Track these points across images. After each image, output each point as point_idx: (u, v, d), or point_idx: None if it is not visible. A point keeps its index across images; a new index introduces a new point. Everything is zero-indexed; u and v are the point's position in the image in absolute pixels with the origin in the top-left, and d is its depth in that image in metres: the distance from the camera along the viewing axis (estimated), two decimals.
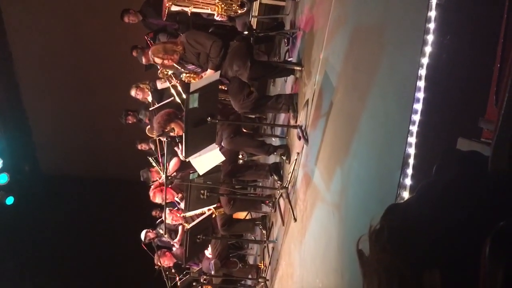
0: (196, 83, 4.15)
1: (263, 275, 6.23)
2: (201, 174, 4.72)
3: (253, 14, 5.95)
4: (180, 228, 6.75)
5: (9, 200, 10.93)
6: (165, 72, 5.56)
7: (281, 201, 5.37)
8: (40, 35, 10.27)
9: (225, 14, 5.65)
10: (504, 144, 0.66)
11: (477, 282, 0.55)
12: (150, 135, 7.36)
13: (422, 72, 2.30)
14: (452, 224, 0.65)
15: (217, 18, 5.73)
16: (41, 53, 10.50)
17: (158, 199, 6.06)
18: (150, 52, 4.94)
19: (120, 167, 11.36)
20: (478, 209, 0.65)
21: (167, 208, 5.93)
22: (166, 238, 6.79)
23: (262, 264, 6.41)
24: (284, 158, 5.27)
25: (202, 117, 4.21)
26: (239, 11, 5.69)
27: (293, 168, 4.88)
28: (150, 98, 7.18)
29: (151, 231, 7.30)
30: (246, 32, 5.52)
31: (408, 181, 2.37)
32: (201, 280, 6.59)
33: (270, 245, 6.00)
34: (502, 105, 0.74)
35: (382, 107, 2.81)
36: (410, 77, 2.37)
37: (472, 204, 0.67)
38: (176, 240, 6.97)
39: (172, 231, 7.07)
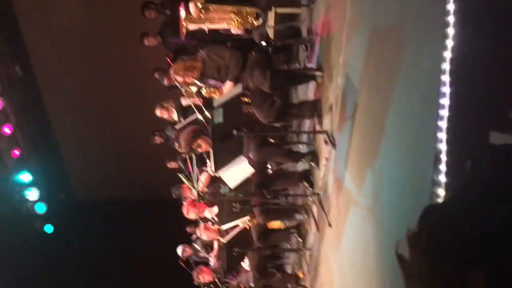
0: (219, 98, 4.21)
1: (302, 283, 6.19)
2: (232, 187, 4.75)
3: (269, 24, 5.98)
4: (215, 242, 6.78)
5: (49, 229, 11.22)
6: (189, 91, 5.64)
7: (314, 208, 5.34)
8: (65, 66, 10.56)
9: (241, 27, 5.70)
10: None
11: None
12: (180, 151, 7.43)
13: (446, 66, 2.27)
14: (492, 224, 0.64)
15: (234, 32, 5.78)
16: (67, 83, 10.79)
17: (191, 214, 6.11)
18: (171, 71, 5.04)
19: (152, 187, 11.52)
20: None
21: (202, 223, 5.98)
22: (202, 253, 6.82)
23: (301, 273, 6.37)
24: (313, 164, 5.24)
25: (227, 131, 4.25)
26: (255, 23, 5.73)
27: (323, 174, 4.85)
28: (175, 116, 7.27)
29: (188, 246, 7.35)
30: (263, 43, 5.55)
31: (442, 178, 2.32)
32: None
33: (307, 253, 5.96)
34: None
35: (408, 105, 2.78)
36: (433, 72, 2.34)
37: (509, 201, 0.65)
38: (212, 255, 7.00)
39: (207, 245, 7.10)
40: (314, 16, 5.66)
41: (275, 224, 6.65)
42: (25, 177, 10.55)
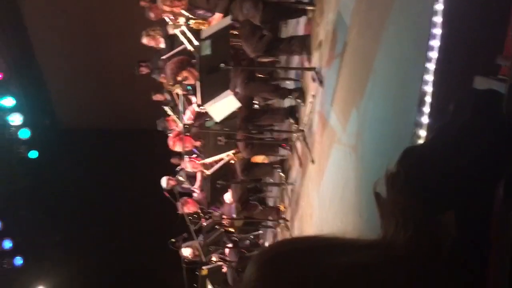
0: (207, 29, 4.10)
1: (283, 216, 6.40)
2: (217, 121, 4.76)
3: None
4: (198, 174, 6.89)
5: (33, 154, 11.24)
6: (177, 23, 5.47)
7: (298, 144, 5.42)
8: None
9: None
10: None
11: (490, 222, 0.57)
12: (168, 86, 7.35)
13: (438, 6, 2.23)
14: (467, 166, 0.66)
15: None
16: (51, 9, 10.38)
17: (177, 147, 6.15)
18: (158, 1, 4.86)
19: (137, 117, 11.48)
20: (493, 151, 0.66)
21: (186, 156, 6.03)
22: (186, 185, 6.94)
23: (282, 206, 6.56)
24: (300, 101, 5.25)
25: (215, 64, 4.19)
26: None
27: (309, 111, 4.88)
28: (162, 45, 7.10)
29: (171, 178, 7.46)
30: None
31: (425, 119, 2.35)
32: (224, 223, 6.81)
33: (289, 187, 6.11)
34: None
35: (397, 45, 2.76)
36: (425, 12, 2.30)
37: (487, 146, 0.67)
38: (196, 186, 7.14)
39: (191, 177, 7.22)
40: None
41: (259, 158, 6.76)
42: (8, 101, 10.39)
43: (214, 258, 7.51)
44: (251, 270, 0.68)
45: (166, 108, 6.74)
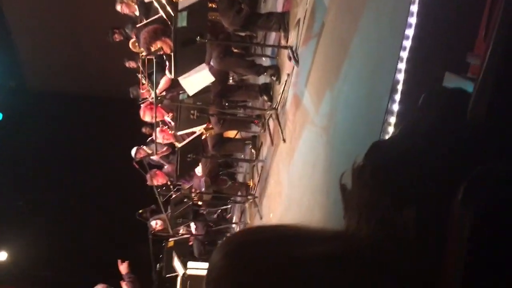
0: (184, 1, 4.01)
1: (252, 192, 6.45)
2: (190, 94, 4.72)
3: None
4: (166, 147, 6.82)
5: None
6: None
7: (271, 122, 5.43)
8: None
9: None
10: (485, 93, 0.68)
11: (447, 223, 0.60)
12: (134, 50, 7.20)
13: None
14: (431, 165, 0.68)
15: None
16: None
17: (147, 117, 6.08)
18: None
19: (108, 84, 11.25)
20: (456, 153, 0.69)
21: (158, 127, 5.97)
22: (155, 157, 6.88)
23: (251, 182, 6.61)
24: (274, 79, 5.25)
25: (191, 36, 4.12)
26: None
27: (283, 89, 4.88)
28: (137, 12, 6.92)
29: (142, 148, 7.38)
30: None
31: (395, 107, 2.40)
32: (192, 197, 6.82)
33: (259, 164, 6.15)
34: (488, 46, 0.74)
35: (375, 31, 2.77)
36: (404, 1, 2.32)
37: (450, 147, 0.70)
38: (159, 151, 6.97)
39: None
40: None
41: (231, 133, 6.75)
42: None
43: (181, 231, 7.55)
44: (217, 258, 0.69)
45: (140, 76, 6.62)
